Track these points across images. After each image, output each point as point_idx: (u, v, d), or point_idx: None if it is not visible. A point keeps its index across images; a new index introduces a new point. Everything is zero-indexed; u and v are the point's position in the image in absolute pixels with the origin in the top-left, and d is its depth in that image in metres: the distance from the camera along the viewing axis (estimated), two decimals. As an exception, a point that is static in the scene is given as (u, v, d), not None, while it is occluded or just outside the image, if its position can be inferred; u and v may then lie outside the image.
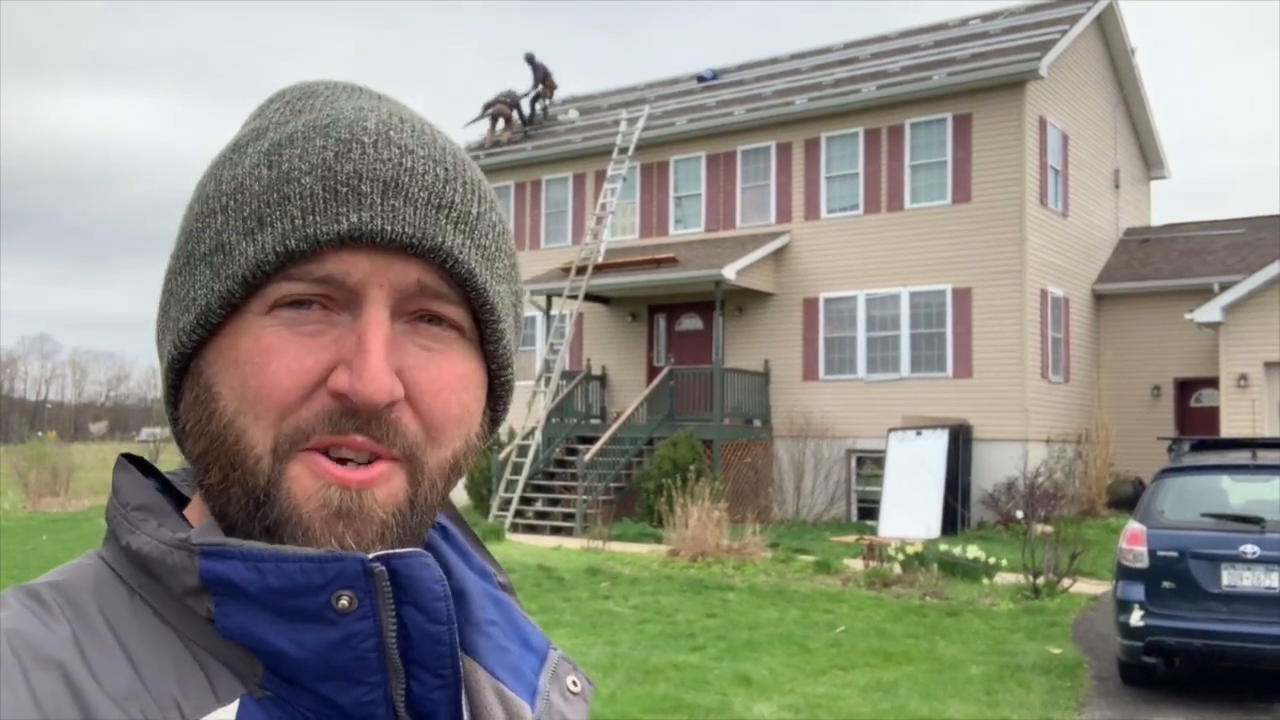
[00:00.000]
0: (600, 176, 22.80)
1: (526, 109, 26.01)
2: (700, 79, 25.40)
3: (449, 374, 0.71)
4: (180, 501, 0.77)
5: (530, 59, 26.29)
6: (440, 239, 0.70)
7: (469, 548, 0.84)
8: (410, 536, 0.70)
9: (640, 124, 22.28)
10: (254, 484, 0.68)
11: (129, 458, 0.77)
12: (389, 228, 0.68)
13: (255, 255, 0.68)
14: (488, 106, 25.45)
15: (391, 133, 0.71)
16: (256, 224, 0.69)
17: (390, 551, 0.67)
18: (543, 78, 26.14)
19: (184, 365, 0.72)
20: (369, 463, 0.68)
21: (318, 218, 0.68)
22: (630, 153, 21.96)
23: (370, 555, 0.66)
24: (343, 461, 0.68)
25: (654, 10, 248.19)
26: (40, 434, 42.51)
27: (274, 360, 0.68)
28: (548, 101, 26.69)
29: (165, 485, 0.78)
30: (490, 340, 0.75)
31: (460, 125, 26.56)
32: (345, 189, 0.68)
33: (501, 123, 25.41)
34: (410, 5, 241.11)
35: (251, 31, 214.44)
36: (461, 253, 0.71)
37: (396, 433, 0.69)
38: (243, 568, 0.65)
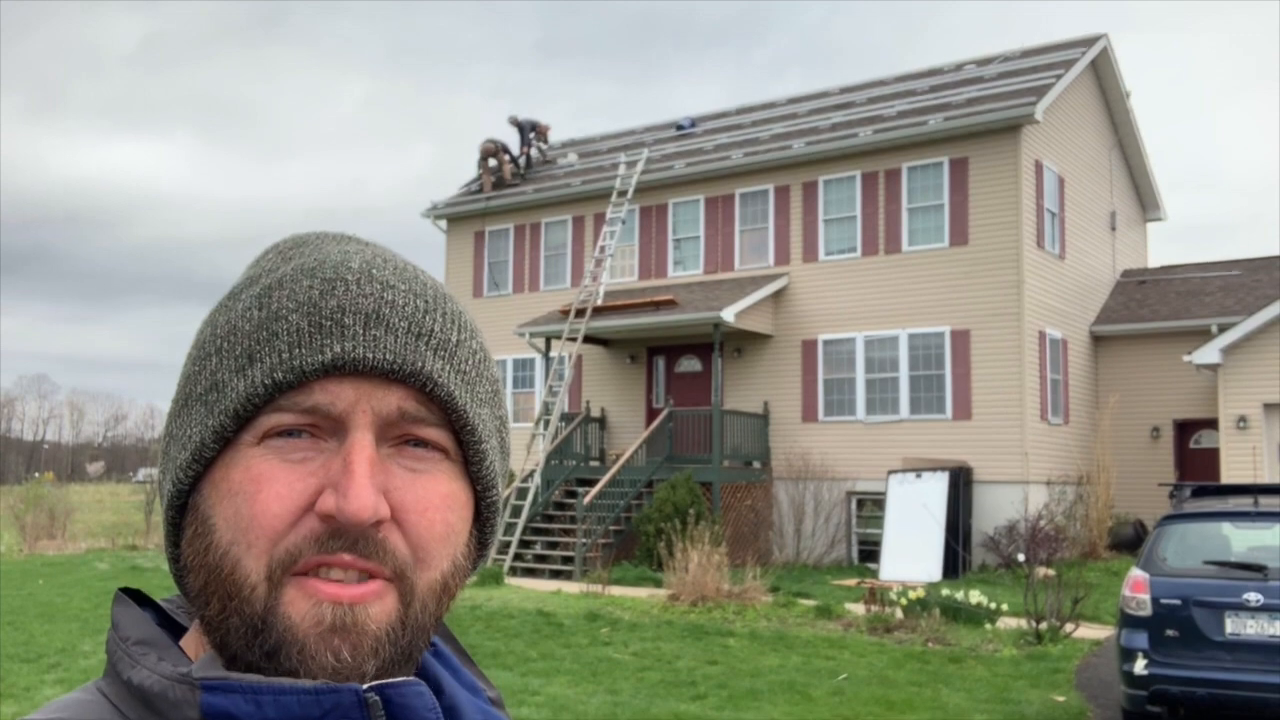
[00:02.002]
0: (599, 219, 22.92)
1: (521, 161, 26.30)
2: (679, 127, 25.70)
3: (434, 494, 0.74)
4: (176, 631, 0.79)
5: (514, 120, 26.77)
6: (420, 364, 0.73)
7: (459, 664, 0.86)
8: (402, 656, 0.72)
9: (639, 167, 22.44)
10: (251, 612, 0.70)
11: (127, 591, 0.79)
12: (371, 355, 0.71)
13: (245, 389, 0.72)
14: (483, 160, 25.77)
15: (374, 270, 0.75)
16: (247, 361, 0.72)
17: (384, 681, 0.70)
18: (531, 128, 26.57)
19: (183, 503, 0.75)
20: (361, 580, 0.71)
21: (303, 350, 0.71)
22: (629, 195, 22.10)
23: (364, 686, 0.69)
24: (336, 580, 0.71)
25: (666, 59, 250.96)
26: (37, 474, 42.38)
27: (264, 488, 0.70)
28: (544, 144, 26.99)
29: (162, 616, 0.81)
30: (474, 461, 0.77)
31: (458, 186, 26.81)
32: (330, 322, 0.72)
33: (493, 161, 25.59)
34: (424, 58, 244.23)
35: (268, 80, 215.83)
36: (441, 377, 0.73)
37: (386, 551, 0.71)
38: (242, 701, 0.67)
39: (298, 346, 0.71)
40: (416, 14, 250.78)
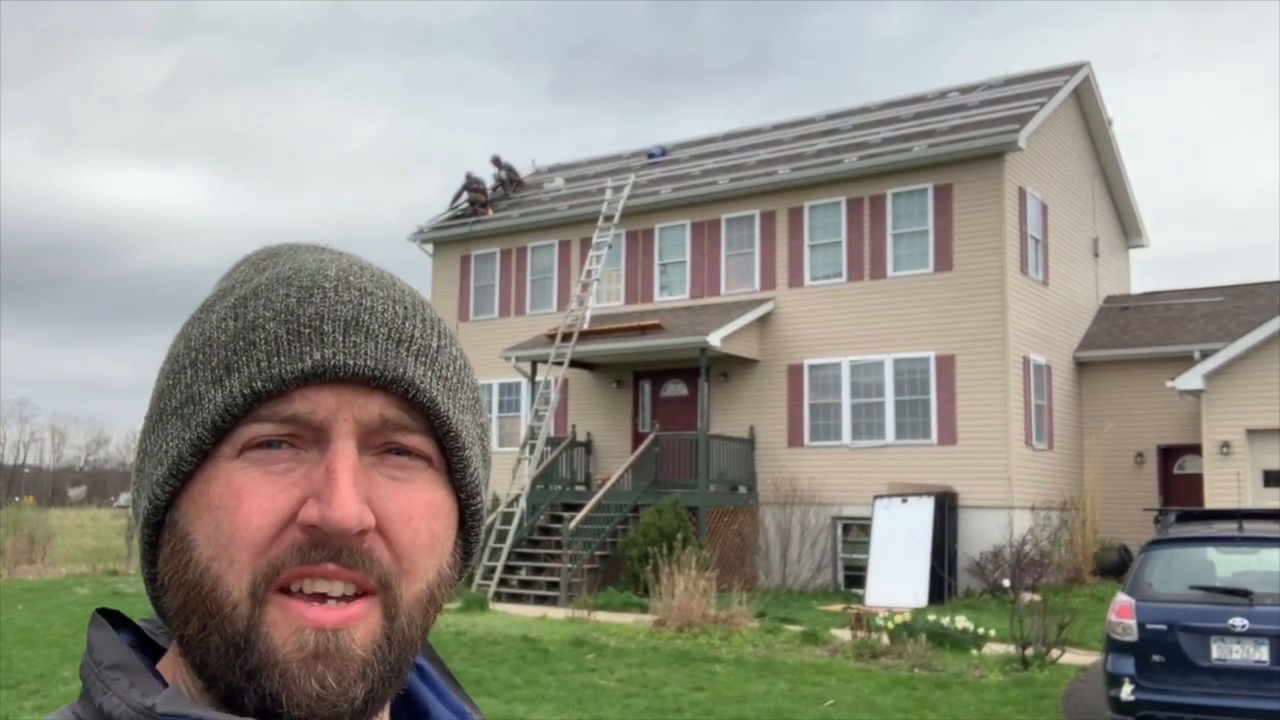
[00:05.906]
0: (586, 244, 22.96)
1: (496, 193, 26.52)
2: (650, 155, 25.84)
3: (418, 502, 0.72)
4: (156, 653, 0.77)
5: (496, 160, 27.07)
6: (401, 370, 0.71)
7: (445, 687, 0.84)
8: (391, 673, 0.71)
9: (625, 192, 22.51)
10: (233, 630, 0.68)
11: (105, 613, 0.77)
12: (351, 362, 0.70)
13: (224, 400, 0.70)
14: (458, 196, 25.93)
15: (351, 278, 0.74)
16: (224, 371, 0.71)
17: None
18: (510, 172, 26.88)
19: (159, 519, 0.73)
20: (347, 599, 0.69)
21: (282, 359, 0.70)
22: (615, 220, 22.15)
23: None
24: (320, 599, 0.69)
25: (671, 98, 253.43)
26: (17, 499, 42.04)
27: (246, 501, 0.68)
28: (509, 191, 27.22)
29: (140, 637, 0.79)
30: (457, 469, 0.75)
31: (445, 212, 26.86)
32: (308, 330, 0.70)
33: (479, 206, 25.75)
34: (435, 95, 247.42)
35: (282, 113, 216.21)
36: (423, 383, 0.72)
37: (371, 561, 0.69)
38: None
39: (276, 355, 0.70)
40: (432, 55, 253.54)
